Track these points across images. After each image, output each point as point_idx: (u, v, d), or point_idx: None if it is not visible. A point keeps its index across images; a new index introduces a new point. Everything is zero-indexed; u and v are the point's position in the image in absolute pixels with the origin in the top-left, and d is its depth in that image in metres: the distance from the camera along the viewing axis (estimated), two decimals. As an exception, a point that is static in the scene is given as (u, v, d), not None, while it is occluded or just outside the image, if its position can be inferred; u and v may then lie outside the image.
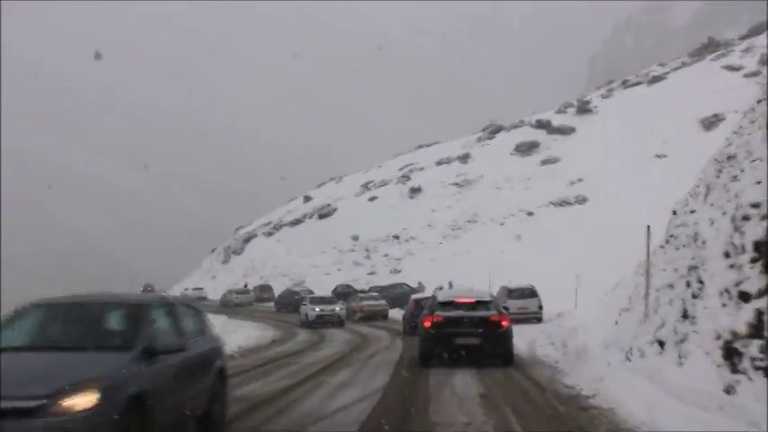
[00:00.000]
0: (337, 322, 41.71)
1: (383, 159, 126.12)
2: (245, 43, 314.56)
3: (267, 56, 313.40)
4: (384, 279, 71.68)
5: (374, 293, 54.73)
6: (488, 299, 21.25)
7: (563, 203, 78.00)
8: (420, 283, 62.52)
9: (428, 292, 40.55)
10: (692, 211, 25.64)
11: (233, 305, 67.08)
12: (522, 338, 28.66)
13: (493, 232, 76.46)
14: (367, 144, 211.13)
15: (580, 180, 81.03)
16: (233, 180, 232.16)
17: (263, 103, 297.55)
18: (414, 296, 38.96)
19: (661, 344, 15.83)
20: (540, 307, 40.46)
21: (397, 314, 46.32)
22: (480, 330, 19.68)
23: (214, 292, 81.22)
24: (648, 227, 21.23)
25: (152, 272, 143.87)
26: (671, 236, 25.87)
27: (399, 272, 75.85)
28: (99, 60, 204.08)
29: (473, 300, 20.67)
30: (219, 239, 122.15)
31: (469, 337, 19.63)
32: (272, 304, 66.71)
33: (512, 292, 40.83)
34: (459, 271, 64.87)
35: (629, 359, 17.20)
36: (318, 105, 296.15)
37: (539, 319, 39.62)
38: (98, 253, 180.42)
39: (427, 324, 20.00)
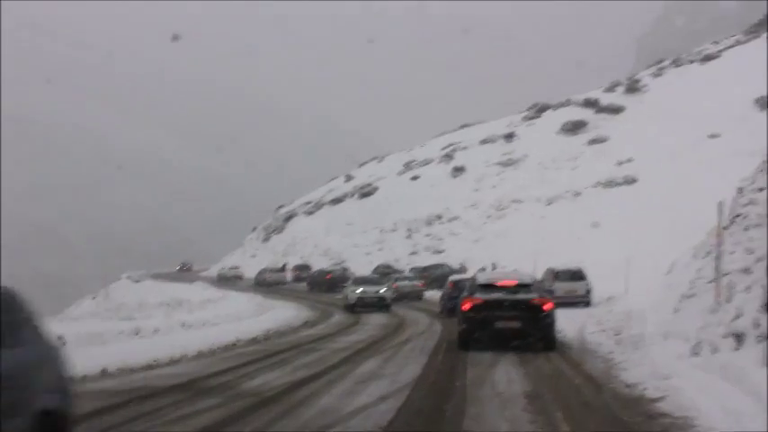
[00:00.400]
0: (383, 306, 37.13)
1: (426, 139, 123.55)
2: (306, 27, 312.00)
3: (322, 37, 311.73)
4: (426, 259, 69.74)
5: (409, 274, 54.00)
6: (530, 281, 20.32)
7: (611, 184, 75.15)
8: (462, 263, 60.72)
9: (470, 273, 38.52)
10: (761, 189, 23.38)
11: (267, 284, 65.84)
12: (571, 323, 26.61)
13: (538, 213, 73.87)
14: (411, 124, 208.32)
15: (629, 160, 78.02)
16: (277, 158, 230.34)
17: (310, 82, 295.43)
18: (452, 277, 37.70)
19: (738, 338, 13.64)
20: (589, 290, 38.26)
21: (434, 296, 44.45)
22: (521, 314, 18.83)
23: (253, 272, 79.76)
24: (721, 203, 18.93)
25: (201, 251, 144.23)
26: (737, 215, 23.54)
27: (441, 252, 73.74)
28: (176, 42, 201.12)
29: (514, 282, 19.77)
30: (261, 218, 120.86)
31: (510, 320, 18.85)
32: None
33: (558, 275, 38.63)
34: (503, 252, 63.09)
35: (696, 353, 15.00)
36: (364, 85, 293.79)
37: (587, 303, 37.54)
38: (158, 231, 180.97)
39: (466, 307, 19.10)
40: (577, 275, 38.69)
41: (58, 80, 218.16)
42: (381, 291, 38.36)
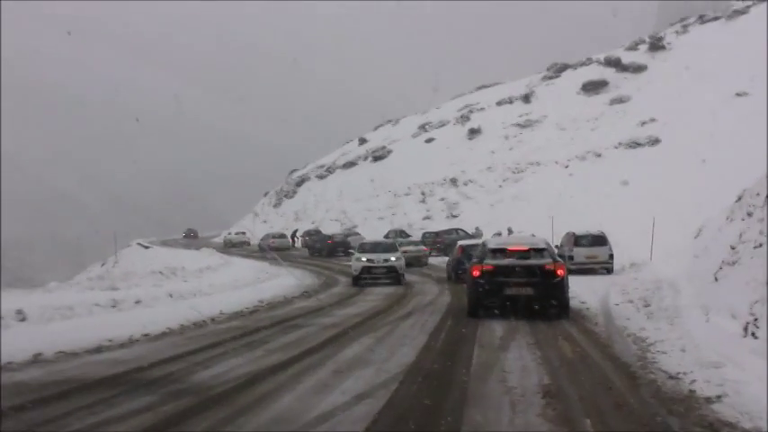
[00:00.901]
0: (393, 278, 31.39)
1: (442, 101, 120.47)
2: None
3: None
4: (440, 224, 67.62)
5: (414, 239, 51.71)
6: (543, 246, 19.35)
7: (633, 145, 72.19)
8: (477, 228, 58.26)
9: (486, 238, 35.90)
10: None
11: (271, 250, 63.85)
12: (592, 293, 24.07)
13: (557, 175, 71.08)
14: (427, 87, 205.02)
15: (653, 120, 75.04)
16: (293, 121, 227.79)
17: (329, 48, 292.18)
18: (460, 242, 35.44)
19: (809, 316, 11.00)
20: (611, 256, 35.65)
21: (441, 262, 42.28)
22: (534, 280, 18.11)
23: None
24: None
25: (214, 216, 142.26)
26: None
27: (456, 216, 71.39)
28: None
29: (526, 247, 19.03)
30: (274, 183, 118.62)
31: (522, 287, 18.11)
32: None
33: (579, 239, 35.94)
34: (520, 216, 61.20)
35: (753, 335, 12.35)
36: (378, 49, 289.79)
37: (609, 270, 35.07)
38: (175, 196, 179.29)
39: (476, 273, 18.50)
40: (599, 240, 35.97)
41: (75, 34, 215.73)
42: (392, 259, 31.88)
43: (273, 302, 24.36)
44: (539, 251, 18.82)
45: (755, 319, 12.46)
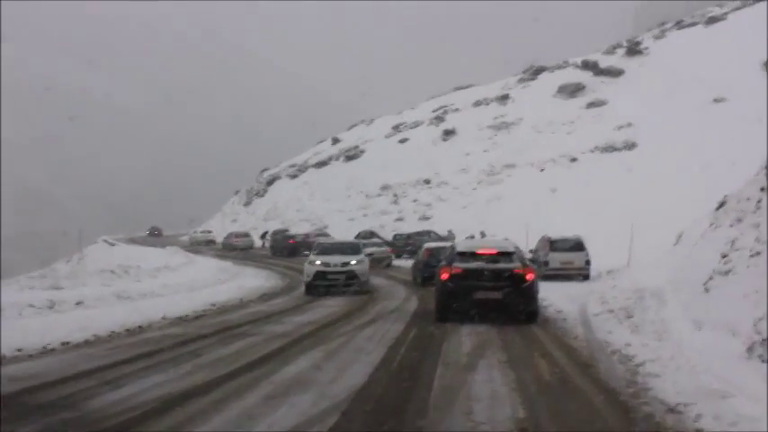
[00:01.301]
0: (354, 285, 27.03)
1: (418, 102, 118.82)
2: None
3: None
4: (412, 226, 65.98)
5: (377, 240, 51.28)
6: (512, 249, 19.17)
7: (610, 149, 70.87)
8: (450, 231, 56.66)
9: (458, 240, 34.33)
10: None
11: (234, 249, 62.51)
12: (569, 301, 22.41)
13: (532, 179, 69.61)
14: (403, 88, 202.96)
15: (629, 124, 73.76)
16: (264, 122, 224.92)
17: (300, 44, 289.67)
18: (426, 245, 33.97)
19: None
20: (588, 262, 33.99)
21: (405, 263, 40.99)
22: (502, 284, 17.85)
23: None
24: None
25: (176, 213, 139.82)
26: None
27: (429, 219, 69.76)
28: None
29: (495, 251, 18.88)
30: (245, 181, 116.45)
31: (491, 291, 17.80)
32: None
33: (554, 244, 34.29)
34: (494, 219, 59.94)
35: (761, 358, 10.63)
36: (355, 49, 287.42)
37: (585, 277, 33.32)
38: (148, 194, 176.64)
39: (444, 276, 18.21)
40: (576, 245, 34.31)
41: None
42: (353, 263, 27.53)
43: (226, 306, 22.60)
44: (507, 255, 18.58)
45: (763, 340, 10.74)
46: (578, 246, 34.26)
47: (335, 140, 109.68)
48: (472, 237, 47.24)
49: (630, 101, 78.47)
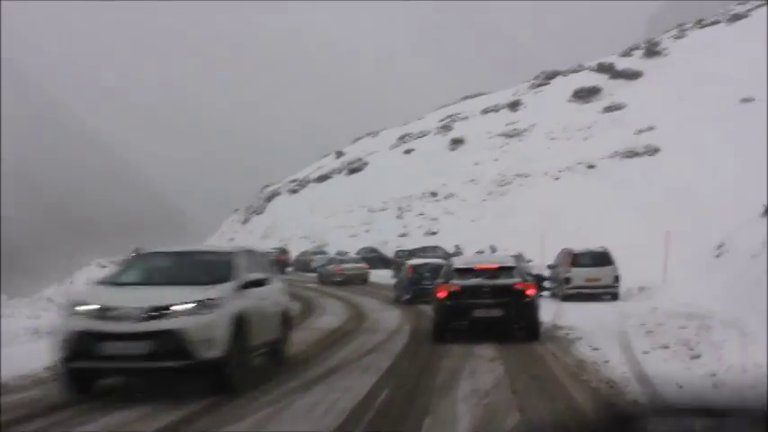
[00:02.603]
0: (167, 368, 10.54)
1: (425, 112, 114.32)
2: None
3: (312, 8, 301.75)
4: (418, 241, 61.62)
5: (355, 256, 51.38)
6: (512, 264, 18.84)
7: (630, 154, 66.17)
8: (457, 246, 52.27)
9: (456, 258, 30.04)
10: None
11: None
12: (602, 330, 17.36)
13: (546, 188, 65.32)
14: (410, 100, 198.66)
15: (650, 128, 69.29)
16: (267, 137, 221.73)
17: (307, 56, 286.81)
18: (410, 261, 32.34)
19: None
20: (617, 278, 29.05)
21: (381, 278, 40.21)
22: (503, 300, 17.34)
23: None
24: None
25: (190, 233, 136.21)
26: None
27: (435, 233, 65.26)
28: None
29: (494, 266, 18.44)
30: (246, 199, 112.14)
31: (490, 308, 17.35)
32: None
33: (577, 258, 29.22)
34: (506, 233, 55.49)
35: None
36: (361, 61, 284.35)
37: (614, 296, 28.60)
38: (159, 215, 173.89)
39: (442, 294, 17.71)
40: (602, 259, 29.24)
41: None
42: (179, 307, 10.60)
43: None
44: (507, 270, 18.14)
45: None
46: (605, 259, 29.18)
47: (339, 154, 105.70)
48: (482, 252, 43.48)
49: (650, 103, 74.41)
